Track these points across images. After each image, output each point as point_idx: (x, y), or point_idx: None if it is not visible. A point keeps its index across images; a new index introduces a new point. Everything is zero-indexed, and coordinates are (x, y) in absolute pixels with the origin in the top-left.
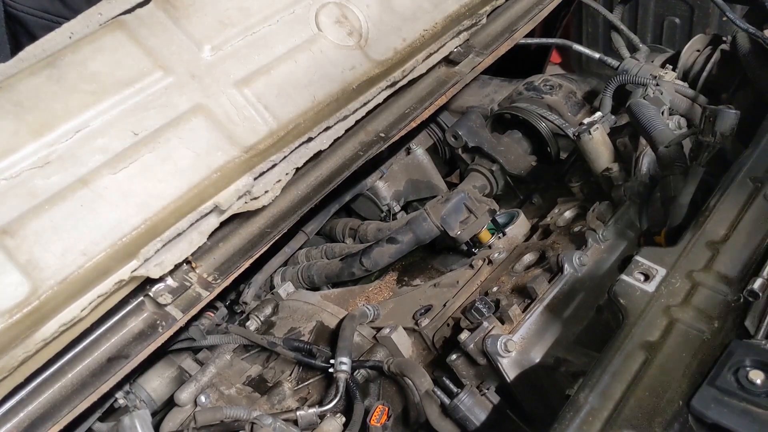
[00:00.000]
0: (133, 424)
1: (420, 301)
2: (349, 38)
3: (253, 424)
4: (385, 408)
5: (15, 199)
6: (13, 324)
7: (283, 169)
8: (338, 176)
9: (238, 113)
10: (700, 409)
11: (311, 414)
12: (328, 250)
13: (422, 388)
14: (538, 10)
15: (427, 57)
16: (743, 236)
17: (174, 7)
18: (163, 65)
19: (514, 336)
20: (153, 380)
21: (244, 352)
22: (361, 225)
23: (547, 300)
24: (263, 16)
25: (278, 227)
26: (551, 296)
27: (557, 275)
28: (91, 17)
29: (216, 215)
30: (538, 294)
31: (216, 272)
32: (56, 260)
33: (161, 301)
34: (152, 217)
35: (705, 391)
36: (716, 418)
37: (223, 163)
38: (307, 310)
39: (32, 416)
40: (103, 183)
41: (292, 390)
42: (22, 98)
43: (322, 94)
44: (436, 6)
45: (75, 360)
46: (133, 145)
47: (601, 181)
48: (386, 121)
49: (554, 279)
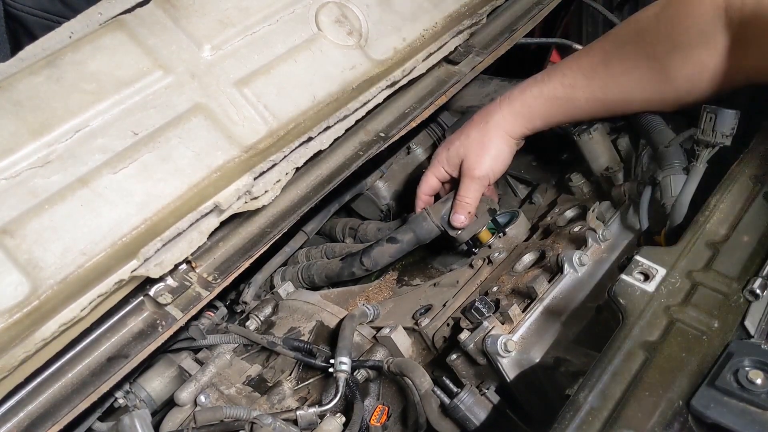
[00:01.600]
0: (133, 423)
1: (420, 300)
2: (349, 38)
3: (252, 423)
4: (385, 408)
5: (15, 199)
6: (13, 323)
7: (283, 168)
8: (338, 176)
9: (237, 113)
10: (699, 409)
11: (311, 414)
12: (328, 250)
13: (422, 388)
14: (538, 10)
15: (427, 57)
16: (743, 236)
17: (174, 7)
18: (162, 65)
19: (514, 336)
20: (153, 380)
21: (244, 351)
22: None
23: (547, 300)
24: (263, 16)
25: (278, 227)
26: (551, 296)
27: (557, 275)
28: (91, 17)
29: (216, 215)
30: (538, 294)
31: (216, 272)
32: (56, 260)
33: (161, 300)
34: (152, 216)
35: (705, 391)
36: (716, 418)
37: (222, 162)
38: (306, 310)
39: (32, 416)
40: (102, 183)
41: (292, 390)
42: (21, 98)
43: (322, 93)
44: (436, 6)
45: (75, 359)
46: (132, 145)
47: (601, 181)
48: (386, 120)
49: (554, 279)
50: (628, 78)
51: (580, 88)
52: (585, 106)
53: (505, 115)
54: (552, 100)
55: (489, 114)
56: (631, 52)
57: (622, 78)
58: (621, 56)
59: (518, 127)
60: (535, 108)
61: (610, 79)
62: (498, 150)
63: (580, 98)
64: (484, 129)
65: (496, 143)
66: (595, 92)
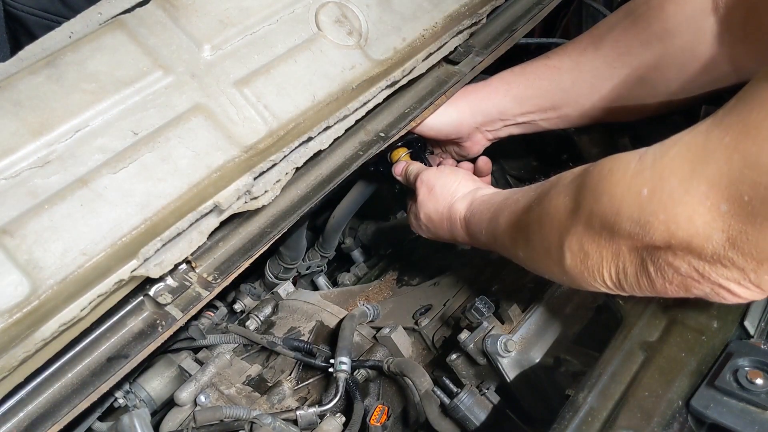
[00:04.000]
0: (132, 422)
1: (420, 300)
2: (349, 38)
3: (252, 423)
4: (385, 408)
5: (14, 199)
6: (13, 323)
7: (282, 168)
8: (338, 176)
9: (237, 113)
10: (699, 409)
11: (311, 413)
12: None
13: (422, 388)
14: (538, 10)
15: (427, 56)
16: None
17: (174, 7)
18: (162, 65)
19: (514, 336)
20: (153, 380)
21: (244, 351)
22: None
23: (547, 300)
24: (263, 16)
25: (278, 227)
26: (551, 296)
27: None
28: (91, 17)
29: (216, 215)
30: (538, 294)
31: (216, 272)
32: (56, 260)
33: (161, 300)
34: (152, 216)
35: (704, 391)
36: (715, 417)
37: (222, 162)
38: (306, 310)
39: (32, 416)
40: (102, 182)
41: (292, 389)
42: (21, 98)
43: (321, 93)
44: (435, 6)
45: (75, 359)
46: (132, 145)
47: None
48: (386, 120)
49: None
50: (621, 62)
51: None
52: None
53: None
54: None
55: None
56: (621, 36)
57: (614, 64)
58: (612, 41)
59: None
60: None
61: (601, 63)
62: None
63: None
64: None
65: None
66: (583, 81)
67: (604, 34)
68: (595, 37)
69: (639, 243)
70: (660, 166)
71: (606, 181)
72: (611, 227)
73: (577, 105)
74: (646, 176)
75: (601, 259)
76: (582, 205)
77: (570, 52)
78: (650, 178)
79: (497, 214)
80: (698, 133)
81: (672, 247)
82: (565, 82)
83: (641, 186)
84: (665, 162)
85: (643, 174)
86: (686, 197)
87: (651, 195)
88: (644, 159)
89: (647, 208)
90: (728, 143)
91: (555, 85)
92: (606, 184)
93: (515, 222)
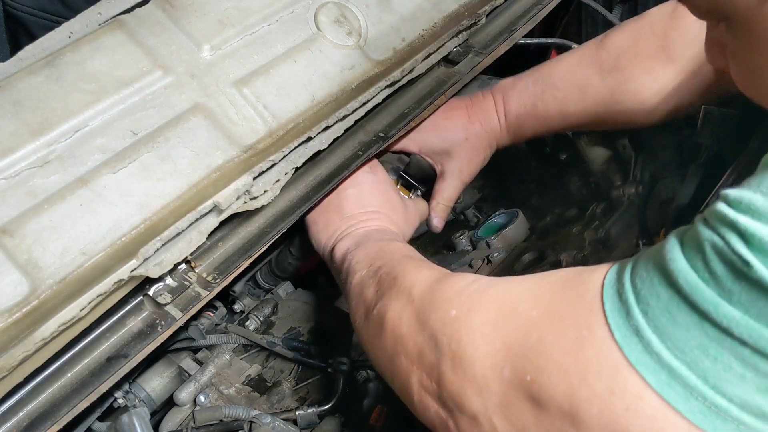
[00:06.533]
0: (132, 422)
1: None
2: (349, 38)
3: (252, 423)
4: (385, 408)
5: (14, 199)
6: (13, 323)
7: (282, 168)
8: (337, 176)
9: (237, 113)
10: None
11: (310, 413)
12: None
13: None
14: (538, 10)
15: (427, 57)
16: None
17: (173, 7)
18: (162, 65)
19: None
20: (152, 380)
21: (244, 351)
22: None
23: None
24: (262, 16)
25: (277, 227)
26: None
27: None
28: (91, 17)
29: (215, 215)
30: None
31: (215, 272)
32: (56, 260)
33: (160, 300)
34: (151, 216)
35: None
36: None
37: (222, 162)
38: (306, 310)
39: (32, 415)
40: (102, 182)
41: (292, 389)
42: (21, 97)
43: (321, 93)
44: (435, 6)
45: (74, 359)
46: (132, 145)
47: (600, 181)
48: (385, 120)
49: None
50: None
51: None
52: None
53: (502, 124)
54: (543, 119)
55: (486, 117)
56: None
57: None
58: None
59: (507, 141)
60: (527, 125)
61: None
62: (485, 160)
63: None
64: (480, 132)
65: (487, 153)
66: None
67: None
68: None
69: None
70: (477, 298)
71: (436, 288)
72: (423, 323)
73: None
74: (462, 299)
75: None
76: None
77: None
78: (465, 302)
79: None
80: (521, 286)
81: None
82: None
83: (455, 307)
84: (482, 297)
85: (460, 296)
86: (481, 341)
87: (454, 319)
88: (474, 284)
89: (446, 329)
90: (534, 317)
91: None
92: (436, 291)
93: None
